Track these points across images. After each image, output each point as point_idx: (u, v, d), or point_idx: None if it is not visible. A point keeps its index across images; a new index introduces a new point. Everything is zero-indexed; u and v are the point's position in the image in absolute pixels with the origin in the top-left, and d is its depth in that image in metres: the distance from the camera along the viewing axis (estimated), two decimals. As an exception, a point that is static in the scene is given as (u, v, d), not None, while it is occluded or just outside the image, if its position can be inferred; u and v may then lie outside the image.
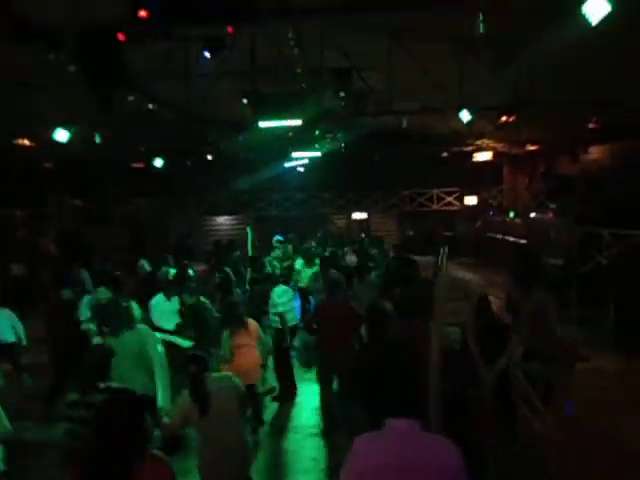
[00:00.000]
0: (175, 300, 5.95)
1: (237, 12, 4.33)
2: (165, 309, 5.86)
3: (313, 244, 12.13)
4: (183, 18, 4.31)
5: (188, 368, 3.38)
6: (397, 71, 8.75)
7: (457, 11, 5.12)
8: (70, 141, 9.31)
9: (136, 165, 16.70)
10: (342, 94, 8.10)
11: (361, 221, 20.52)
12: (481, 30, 4.41)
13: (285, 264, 10.04)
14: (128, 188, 17.74)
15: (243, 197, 19.22)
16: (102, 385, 3.26)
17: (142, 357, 4.09)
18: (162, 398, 3.95)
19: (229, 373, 3.73)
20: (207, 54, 6.24)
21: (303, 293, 8.72)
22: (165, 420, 3.52)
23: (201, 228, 20.36)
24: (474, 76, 8.52)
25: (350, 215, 20.53)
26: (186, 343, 5.43)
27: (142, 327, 4.46)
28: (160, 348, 4.39)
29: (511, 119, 9.34)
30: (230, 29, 4.25)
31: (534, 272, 6.71)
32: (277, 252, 10.81)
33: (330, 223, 20.19)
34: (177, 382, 4.26)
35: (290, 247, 11.59)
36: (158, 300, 5.97)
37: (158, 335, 4.87)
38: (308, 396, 6.54)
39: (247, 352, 5.06)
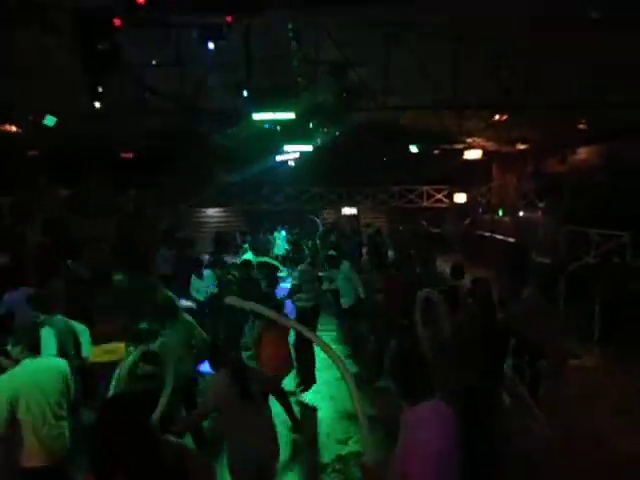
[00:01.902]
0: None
1: (238, 1, 4.28)
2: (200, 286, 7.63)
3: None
4: (182, 5, 4.24)
5: (227, 354, 3.52)
6: (392, 67, 8.76)
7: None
8: (58, 128, 9.13)
9: (125, 155, 16.47)
10: (337, 88, 8.05)
11: (350, 216, 20.52)
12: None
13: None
14: (116, 178, 17.49)
15: (232, 189, 19.10)
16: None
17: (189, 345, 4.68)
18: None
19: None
20: (205, 43, 6.15)
21: None
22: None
23: (190, 219, 20.20)
24: (467, 74, 8.57)
25: (339, 210, 20.53)
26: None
27: (188, 318, 4.91)
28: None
29: (503, 118, 9.41)
30: (229, 18, 4.19)
31: (525, 270, 6.82)
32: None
33: (320, 218, 20.17)
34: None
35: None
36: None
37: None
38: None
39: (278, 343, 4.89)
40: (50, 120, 8.82)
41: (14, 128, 9.26)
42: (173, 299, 5.17)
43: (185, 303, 7.73)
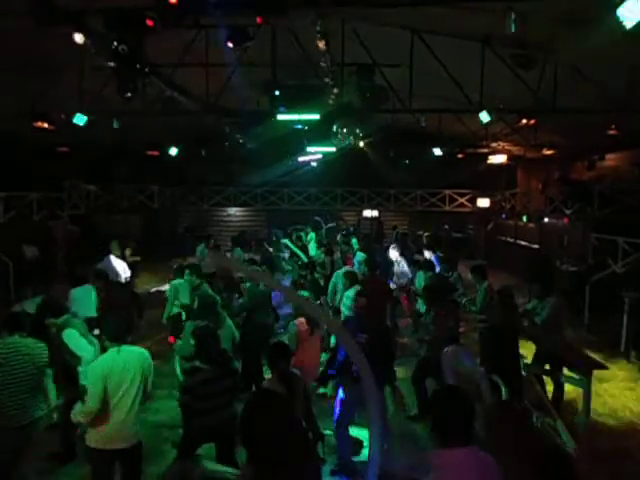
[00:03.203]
0: None
1: (266, 3, 4.31)
2: None
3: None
4: (213, 7, 4.29)
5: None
6: (418, 69, 8.70)
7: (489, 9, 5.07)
8: (88, 126, 9.33)
9: (151, 152, 16.74)
10: (363, 89, 8.03)
11: (372, 219, 20.46)
12: (512, 29, 4.35)
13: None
14: (142, 175, 17.81)
15: (255, 189, 19.24)
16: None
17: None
18: None
19: None
20: (230, 44, 6.21)
21: None
22: None
23: (212, 218, 20.43)
24: (495, 77, 8.44)
25: (361, 212, 20.47)
26: None
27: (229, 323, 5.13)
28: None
29: (531, 122, 9.23)
30: (259, 20, 4.22)
31: (550, 279, 6.69)
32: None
33: (341, 219, 20.16)
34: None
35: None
36: None
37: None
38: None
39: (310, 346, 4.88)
40: (80, 119, 9.00)
41: (46, 125, 9.48)
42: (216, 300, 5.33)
43: None
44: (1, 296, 9.70)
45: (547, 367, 5.71)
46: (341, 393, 4.46)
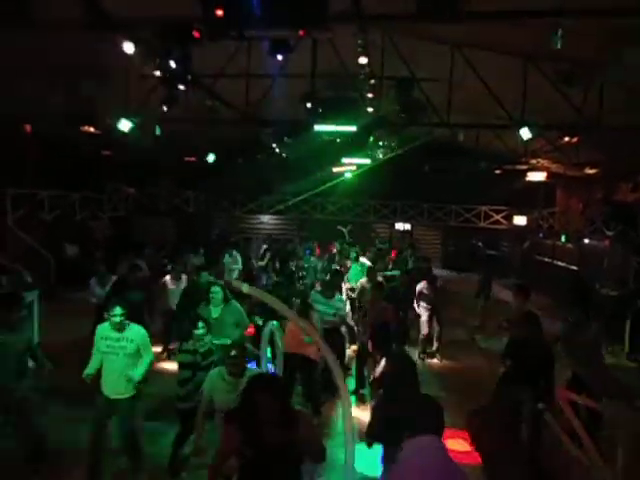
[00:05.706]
0: None
1: (309, 16, 4.36)
2: None
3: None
4: (257, 19, 4.37)
5: None
6: (457, 83, 8.63)
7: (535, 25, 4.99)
8: (131, 132, 9.62)
9: (188, 159, 17.12)
10: (401, 103, 8.02)
11: (404, 232, 20.29)
12: (558, 46, 4.26)
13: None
14: (179, 180, 18.25)
15: (288, 198, 19.40)
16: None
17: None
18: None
19: None
20: (272, 55, 6.31)
21: None
22: None
23: (244, 225, 20.69)
24: (537, 92, 8.28)
25: (393, 224, 20.34)
26: None
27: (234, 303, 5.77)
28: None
29: (574, 140, 8.99)
30: (302, 33, 4.27)
31: (589, 304, 6.40)
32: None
33: (373, 231, 20.08)
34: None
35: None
36: None
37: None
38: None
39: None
40: (123, 124, 9.27)
41: (92, 129, 9.85)
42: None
43: None
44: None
45: (583, 395, 5.48)
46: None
